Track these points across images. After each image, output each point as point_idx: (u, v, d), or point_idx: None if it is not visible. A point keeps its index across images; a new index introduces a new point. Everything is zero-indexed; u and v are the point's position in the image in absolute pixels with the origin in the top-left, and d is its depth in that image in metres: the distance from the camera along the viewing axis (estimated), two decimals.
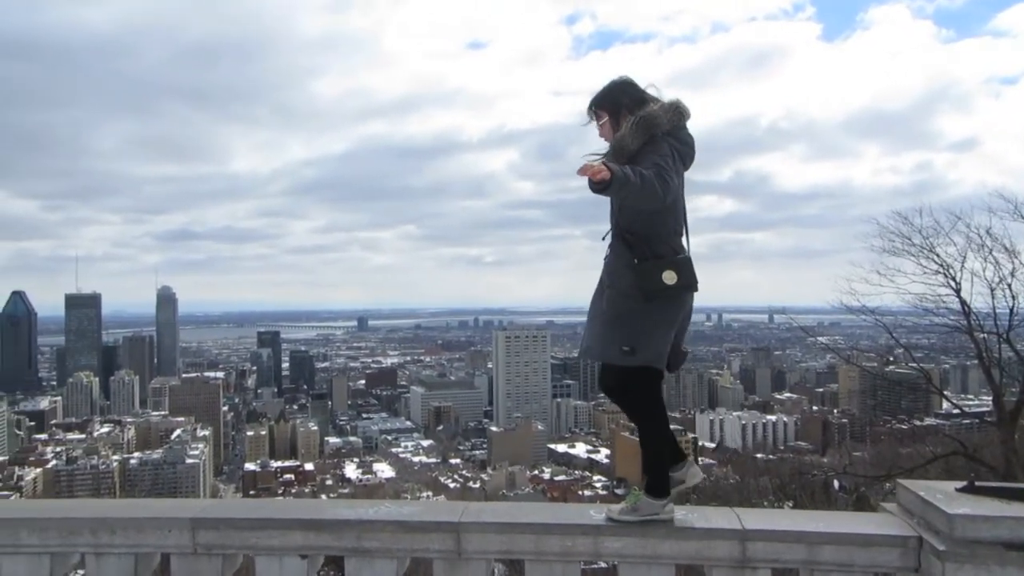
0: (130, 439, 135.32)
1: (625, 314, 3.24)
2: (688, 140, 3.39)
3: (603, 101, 3.43)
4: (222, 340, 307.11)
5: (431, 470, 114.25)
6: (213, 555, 3.28)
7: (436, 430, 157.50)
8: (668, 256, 3.25)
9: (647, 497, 3.28)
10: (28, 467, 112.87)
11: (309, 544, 3.24)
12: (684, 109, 3.37)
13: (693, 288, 3.31)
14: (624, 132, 3.26)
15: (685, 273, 3.24)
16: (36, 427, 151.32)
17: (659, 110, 3.27)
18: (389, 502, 3.47)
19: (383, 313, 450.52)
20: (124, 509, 3.42)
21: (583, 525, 3.18)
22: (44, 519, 3.33)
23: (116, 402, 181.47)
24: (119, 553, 3.30)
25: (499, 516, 3.29)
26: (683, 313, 3.39)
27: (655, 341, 3.25)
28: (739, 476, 43.53)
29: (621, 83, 3.43)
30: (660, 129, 3.24)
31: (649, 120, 3.23)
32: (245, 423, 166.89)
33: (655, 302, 3.21)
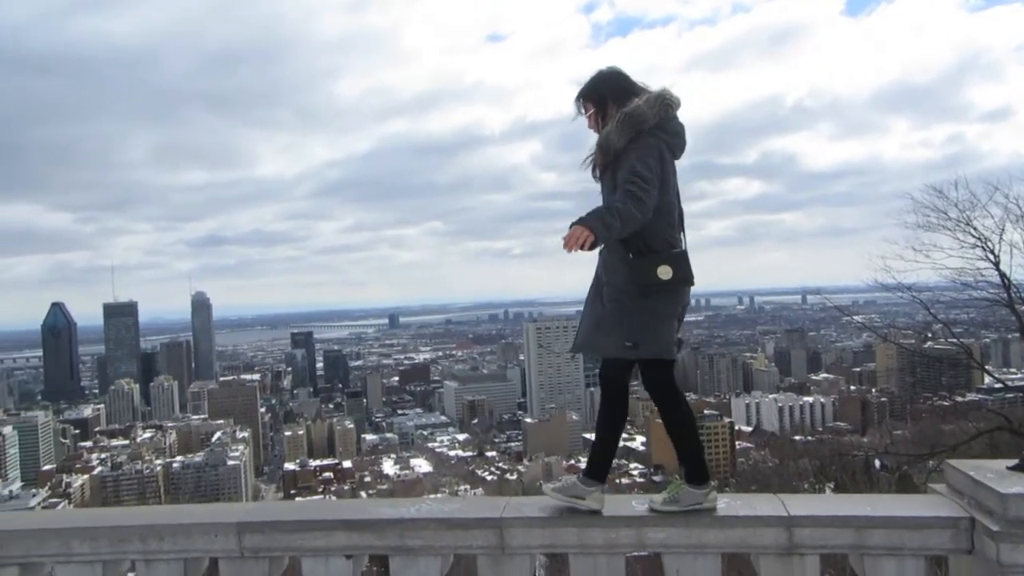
0: (172, 443, 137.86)
1: (623, 310, 3.24)
2: (677, 130, 3.33)
3: (589, 93, 3.38)
4: (256, 342, 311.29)
5: (468, 463, 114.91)
6: (260, 558, 3.32)
7: (471, 424, 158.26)
8: (663, 250, 3.23)
9: (688, 487, 3.25)
10: (75, 474, 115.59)
11: (353, 544, 3.26)
12: (672, 100, 3.29)
13: (689, 282, 3.30)
14: (610, 129, 3.22)
15: (680, 267, 3.22)
16: (80, 435, 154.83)
17: (644, 105, 3.20)
18: (431, 499, 3.48)
19: (413, 310, 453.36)
20: (172, 515, 3.48)
21: (626, 517, 3.17)
22: (95, 528, 3.39)
23: (157, 407, 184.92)
24: (168, 559, 3.35)
25: (541, 510, 3.28)
26: (683, 304, 3.40)
27: (658, 334, 3.26)
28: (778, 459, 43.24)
29: (608, 74, 3.38)
30: (647, 124, 3.19)
31: (634, 117, 3.18)
32: (283, 423, 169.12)
33: (652, 296, 3.21)
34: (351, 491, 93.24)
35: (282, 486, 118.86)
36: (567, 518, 3.19)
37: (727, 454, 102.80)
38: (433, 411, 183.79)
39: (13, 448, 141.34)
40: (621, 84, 3.33)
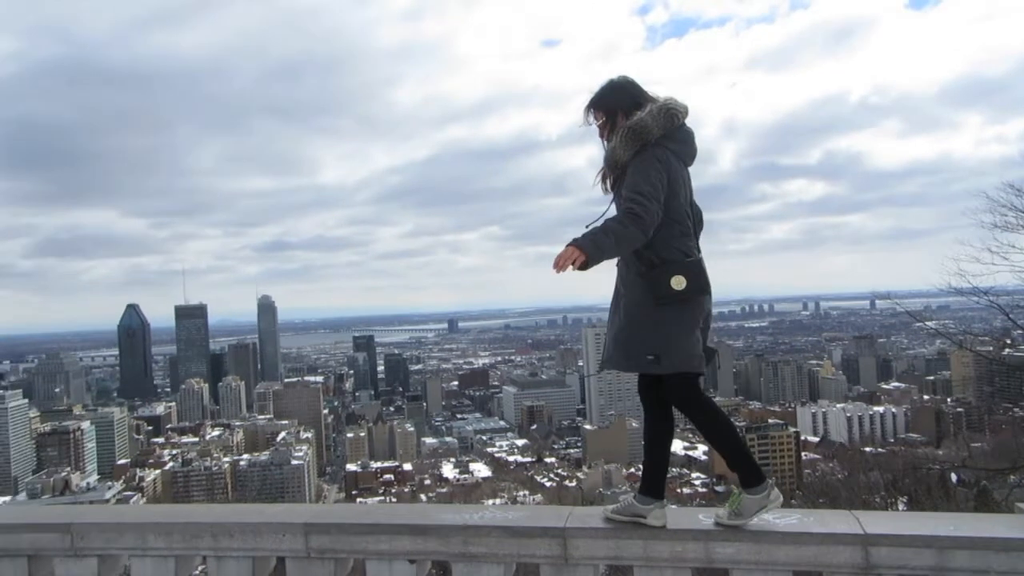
0: (239, 442, 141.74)
1: (642, 323, 3.22)
2: (686, 138, 3.32)
3: (599, 103, 3.37)
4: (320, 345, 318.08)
5: (526, 469, 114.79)
6: (326, 559, 3.36)
7: (530, 429, 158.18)
8: (678, 260, 3.19)
9: (747, 494, 3.14)
10: (148, 469, 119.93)
11: (417, 549, 3.27)
12: (677, 109, 3.27)
13: (704, 291, 3.25)
14: (615, 143, 3.23)
15: (694, 277, 3.18)
16: (153, 431, 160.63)
17: (648, 117, 3.18)
18: (493, 507, 3.47)
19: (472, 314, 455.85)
20: (242, 514, 3.55)
21: (693, 530, 3.09)
22: (169, 523, 3.48)
23: (225, 407, 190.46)
24: (238, 556, 3.42)
25: (606, 521, 3.24)
26: (703, 314, 3.30)
27: (680, 346, 3.20)
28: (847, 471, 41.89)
29: (617, 84, 3.36)
30: (651, 136, 3.17)
31: (638, 130, 3.17)
32: (345, 425, 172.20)
33: (669, 308, 3.17)
34: (411, 494, 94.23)
35: (344, 487, 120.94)
36: (632, 530, 3.14)
37: (792, 465, 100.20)
38: (492, 416, 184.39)
39: (91, 442, 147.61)
40: (630, 93, 3.32)
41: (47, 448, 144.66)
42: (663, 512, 3.20)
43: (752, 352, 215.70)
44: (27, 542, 3.57)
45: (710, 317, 3.39)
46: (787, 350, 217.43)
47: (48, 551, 3.56)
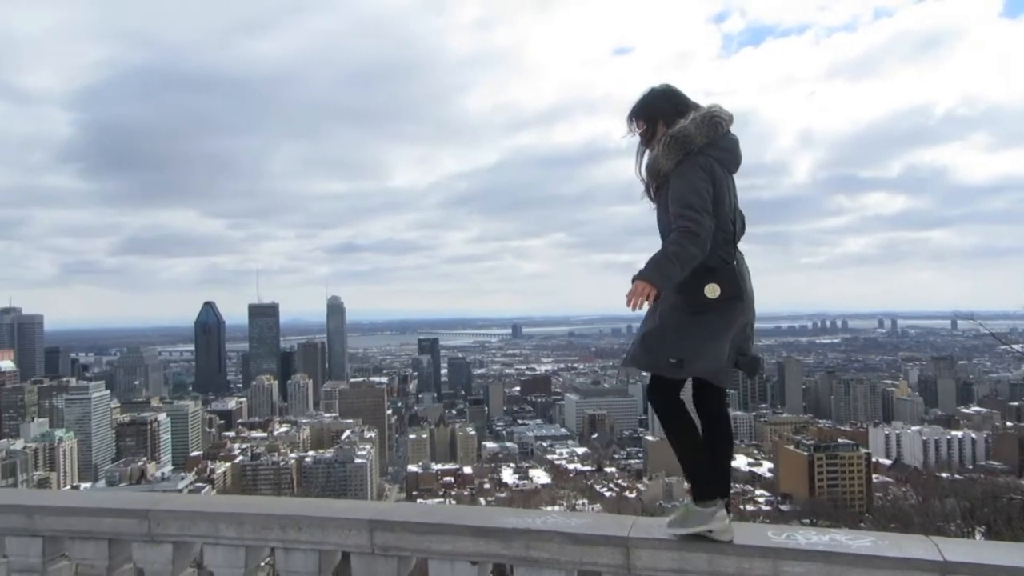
0: (305, 438, 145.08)
1: (673, 327, 3.17)
2: (729, 146, 3.24)
3: (640, 111, 3.34)
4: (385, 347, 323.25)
5: (586, 478, 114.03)
6: (389, 556, 3.41)
7: (591, 438, 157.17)
8: (717, 267, 3.13)
9: (696, 506, 3.15)
10: (219, 462, 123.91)
11: (479, 551, 3.28)
12: (721, 117, 3.20)
13: (739, 299, 3.16)
14: (657, 152, 3.20)
15: (729, 285, 3.12)
16: (225, 425, 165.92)
17: (691, 126, 3.14)
18: (556, 512, 3.47)
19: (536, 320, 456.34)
20: (309, 508, 3.64)
21: (761, 547, 3.01)
22: (240, 514, 3.59)
23: (293, 404, 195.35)
24: (305, 549, 3.50)
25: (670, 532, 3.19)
26: (736, 323, 3.21)
27: (705, 354, 3.16)
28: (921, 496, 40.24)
29: (658, 92, 3.33)
30: (694, 145, 3.13)
31: (681, 139, 3.13)
32: (407, 426, 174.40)
33: (701, 315, 3.12)
34: (470, 497, 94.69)
35: (404, 487, 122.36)
36: (698, 542, 3.08)
37: (862, 487, 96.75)
38: (553, 423, 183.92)
39: (166, 434, 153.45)
40: (672, 102, 3.28)
41: (126, 438, 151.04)
42: (725, 513, 3.15)
43: (823, 369, 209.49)
44: (108, 526, 3.73)
45: (751, 326, 3.33)
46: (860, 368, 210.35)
47: (127, 535, 3.72)
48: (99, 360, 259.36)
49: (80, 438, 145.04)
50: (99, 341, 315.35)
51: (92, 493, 7.49)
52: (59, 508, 3.84)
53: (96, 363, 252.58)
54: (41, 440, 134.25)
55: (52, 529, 3.82)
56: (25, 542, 3.85)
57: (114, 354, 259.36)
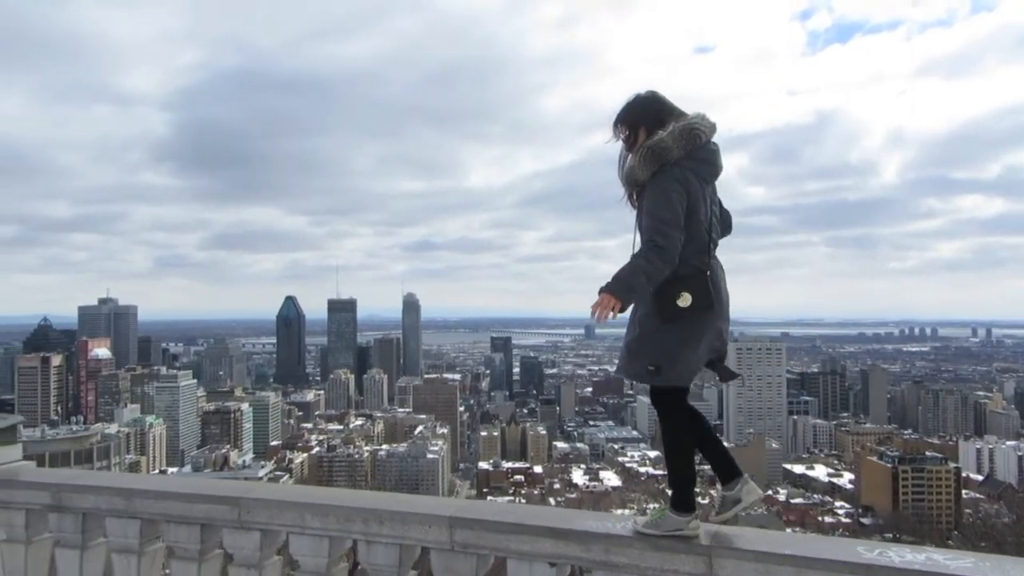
0: (379, 432, 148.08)
1: (649, 334, 3.27)
2: (707, 157, 3.28)
3: (623, 118, 3.38)
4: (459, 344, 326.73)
5: (658, 482, 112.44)
6: (468, 554, 3.43)
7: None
8: (690, 275, 3.19)
9: (672, 513, 3.19)
10: (297, 452, 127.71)
11: (558, 553, 3.27)
12: (700, 130, 3.24)
13: (709, 308, 3.21)
14: (634, 163, 3.26)
15: (699, 295, 3.18)
16: (303, 416, 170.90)
17: (668, 138, 3.18)
18: (637, 518, 3.42)
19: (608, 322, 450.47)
20: (391, 503, 3.70)
21: (851, 563, 2.90)
22: (325, 505, 3.68)
23: (368, 398, 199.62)
24: (386, 543, 3.56)
25: (754, 543, 3.10)
26: (710, 329, 3.28)
27: (680, 361, 3.24)
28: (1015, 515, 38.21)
29: (642, 99, 3.36)
30: (671, 156, 3.18)
31: (657, 150, 3.18)
32: (479, 423, 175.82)
33: (675, 323, 3.20)
34: (540, 496, 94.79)
35: (475, 484, 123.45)
36: (783, 556, 2.99)
37: (950, 503, 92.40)
38: (625, 425, 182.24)
39: (248, 423, 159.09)
40: (654, 108, 3.32)
41: (211, 425, 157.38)
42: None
43: (910, 378, 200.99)
44: (200, 511, 3.89)
45: (724, 335, 3.37)
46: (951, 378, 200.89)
47: (218, 521, 3.87)
48: (187, 350, 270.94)
49: (168, 424, 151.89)
50: (188, 332, 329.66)
51: (186, 479, 7.69)
52: (156, 492, 4.02)
53: (184, 353, 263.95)
54: (133, 425, 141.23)
55: (149, 512, 4.01)
56: (124, 523, 4.05)
57: (201, 345, 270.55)
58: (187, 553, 3.94)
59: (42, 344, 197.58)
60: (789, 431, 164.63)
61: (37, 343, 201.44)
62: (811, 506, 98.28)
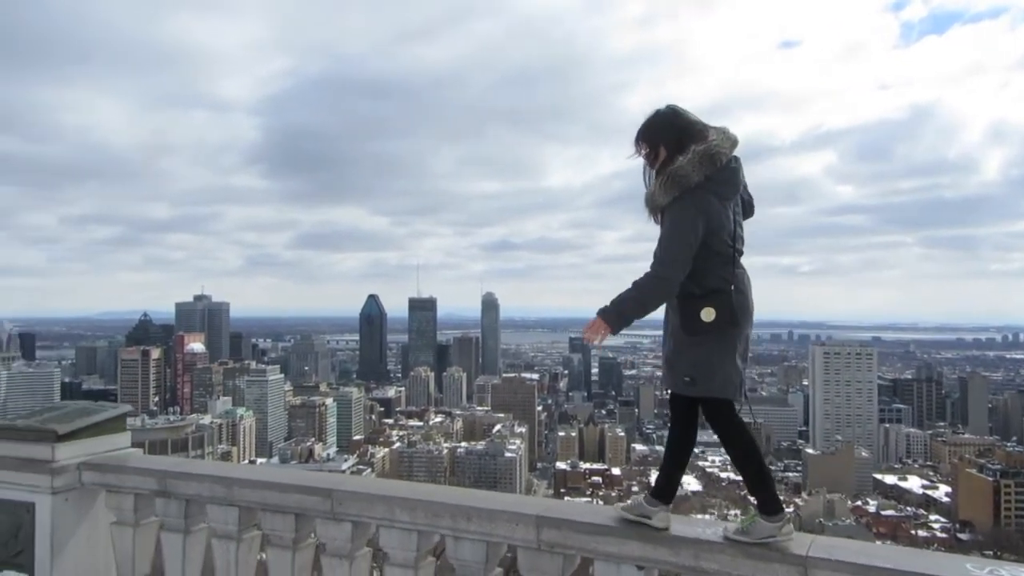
0: (458, 429, 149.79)
1: (683, 347, 3.34)
2: (727, 178, 3.30)
3: (644, 135, 3.41)
4: (537, 344, 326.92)
5: (739, 488, 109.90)
6: (555, 553, 3.43)
7: None
8: (716, 290, 3.25)
9: (761, 519, 3.15)
10: (378, 446, 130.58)
11: (646, 556, 3.24)
12: (720, 152, 3.25)
13: (732, 324, 3.26)
14: (655, 188, 3.30)
15: (723, 310, 3.22)
16: (384, 412, 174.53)
17: (688, 165, 3.21)
18: (726, 525, 3.35)
19: None
20: (478, 500, 3.73)
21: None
22: (414, 500, 3.75)
23: (447, 395, 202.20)
24: (473, 539, 3.60)
25: (852, 555, 2.99)
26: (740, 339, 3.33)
27: (714, 372, 3.28)
28: None
29: (662, 116, 3.38)
30: (691, 182, 3.20)
31: (676, 178, 3.22)
32: (557, 423, 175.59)
33: (702, 336, 3.26)
34: (618, 498, 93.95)
35: (552, 484, 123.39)
36: (885, 570, 2.87)
37: None
38: (705, 428, 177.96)
39: (332, 418, 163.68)
40: (675, 126, 3.33)
41: (297, 419, 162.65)
42: (668, 516, 3.31)
43: (1014, 387, 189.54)
44: (295, 502, 4.02)
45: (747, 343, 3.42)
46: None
47: (312, 512, 3.99)
48: (275, 346, 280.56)
49: (258, 416, 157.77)
50: (276, 328, 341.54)
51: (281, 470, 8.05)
52: (254, 482, 4.18)
53: (273, 348, 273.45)
54: (225, 416, 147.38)
55: (247, 500, 4.17)
56: (224, 510, 4.23)
57: (288, 341, 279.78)
58: (282, 541, 4.08)
59: (143, 338, 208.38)
60: (880, 440, 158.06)
61: (138, 337, 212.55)
62: (903, 519, 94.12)
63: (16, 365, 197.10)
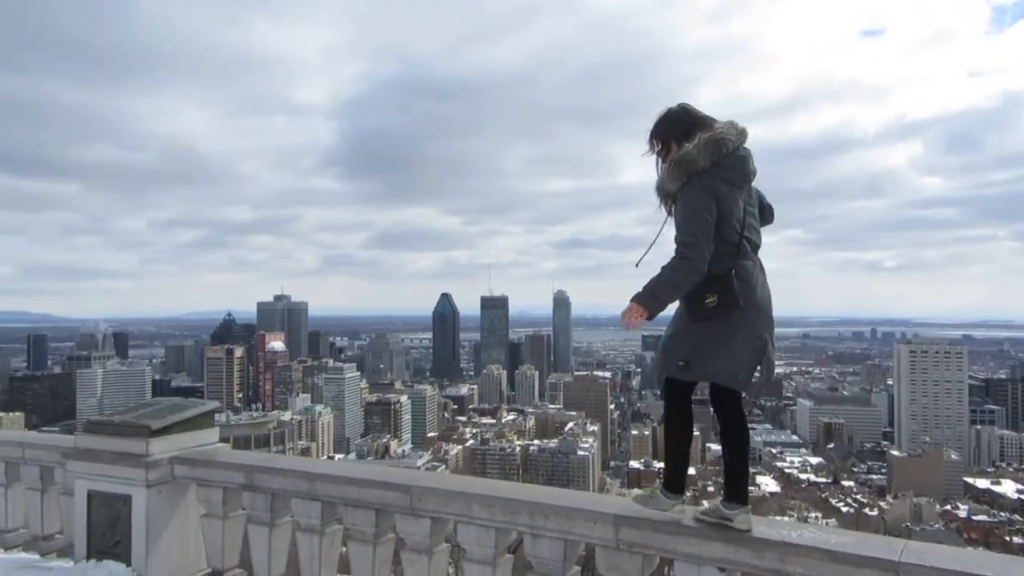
0: (530, 427, 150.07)
1: (682, 332, 3.45)
2: (736, 164, 3.37)
3: (655, 132, 3.52)
4: (609, 342, 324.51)
5: (820, 490, 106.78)
6: (634, 553, 3.41)
7: (826, 448, 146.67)
8: (720, 276, 3.30)
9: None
10: (452, 444, 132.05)
11: (728, 558, 3.18)
12: (726, 139, 3.33)
13: (735, 306, 3.30)
14: (663, 175, 3.39)
15: (725, 293, 3.29)
16: (458, 410, 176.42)
17: (694, 150, 3.29)
18: (812, 527, 3.25)
19: None
20: (556, 497, 3.73)
21: None
22: (492, 497, 3.78)
23: (519, 393, 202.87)
24: (551, 537, 3.61)
25: (947, 561, 2.86)
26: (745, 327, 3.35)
27: (712, 357, 3.36)
28: None
29: (671, 113, 3.49)
30: (697, 167, 3.29)
31: (684, 163, 3.30)
32: (630, 422, 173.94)
33: (706, 320, 3.33)
34: (693, 499, 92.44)
35: (626, 483, 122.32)
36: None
37: None
38: (784, 429, 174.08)
39: (407, 415, 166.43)
40: (684, 122, 3.42)
41: (372, 416, 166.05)
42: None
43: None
44: (376, 497, 4.11)
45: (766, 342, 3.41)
46: None
47: (392, 507, 4.07)
48: (352, 344, 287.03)
49: (335, 413, 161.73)
50: (352, 326, 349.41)
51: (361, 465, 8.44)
52: (335, 477, 4.29)
53: (349, 347, 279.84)
54: (304, 413, 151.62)
55: (329, 495, 4.28)
56: (307, 504, 4.35)
57: (364, 339, 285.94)
58: (363, 536, 4.18)
59: (226, 337, 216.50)
60: (971, 442, 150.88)
61: (222, 336, 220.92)
62: (996, 524, 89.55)
63: (111, 364, 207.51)
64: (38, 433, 7.30)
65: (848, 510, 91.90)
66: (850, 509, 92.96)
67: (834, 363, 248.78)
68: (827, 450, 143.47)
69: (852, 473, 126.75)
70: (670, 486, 3.49)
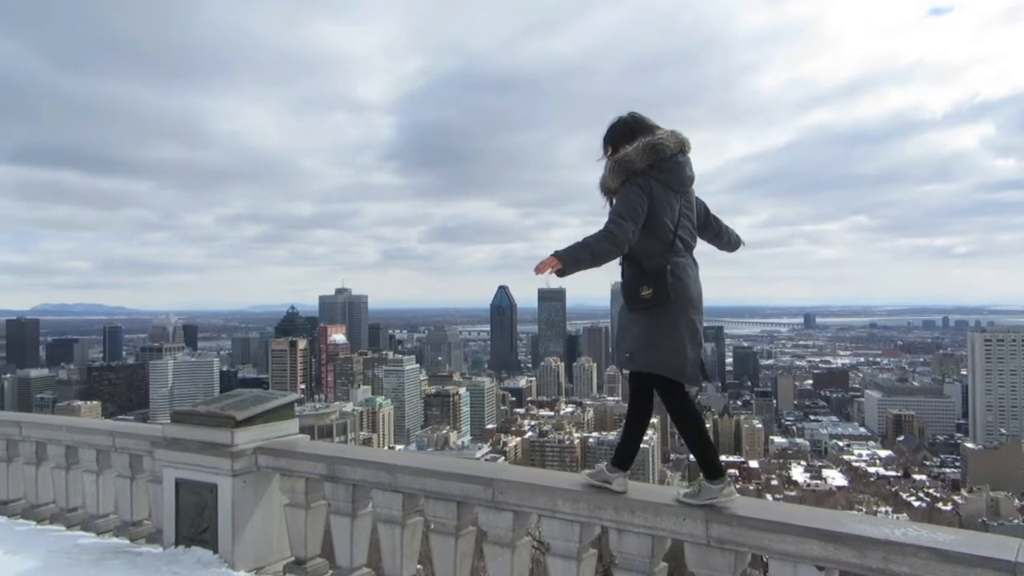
0: (589, 419, 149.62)
1: (626, 326, 3.80)
2: (672, 168, 3.69)
3: (606, 137, 3.87)
4: None
5: (890, 484, 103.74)
6: (725, 550, 3.32)
7: (896, 440, 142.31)
8: (651, 271, 3.62)
9: (707, 483, 3.51)
10: (510, 435, 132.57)
11: (827, 556, 3.06)
12: (663, 145, 3.66)
13: (667, 299, 3.58)
14: (606, 174, 3.74)
15: (658, 287, 3.59)
16: (516, 402, 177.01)
17: (633, 152, 3.64)
18: (916, 525, 3.11)
19: (832, 310, 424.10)
20: (641, 493, 3.67)
21: None
22: (576, 491, 3.74)
23: (578, 385, 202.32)
24: (638, 532, 3.54)
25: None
26: (682, 320, 3.61)
27: (653, 348, 3.62)
28: None
29: (621, 121, 3.83)
30: (636, 168, 3.63)
31: (623, 163, 3.65)
32: None
33: (643, 313, 3.66)
34: (756, 492, 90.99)
35: (687, 475, 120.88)
36: None
37: None
38: (851, 421, 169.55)
39: (465, 407, 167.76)
40: (632, 129, 3.77)
41: (432, 407, 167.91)
42: (626, 481, 3.70)
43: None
44: (457, 490, 4.11)
45: (700, 329, 3.69)
46: None
47: (473, 500, 4.06)
48: (411, 336, 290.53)
49: (395, 405, 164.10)
50: (411, 319, 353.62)
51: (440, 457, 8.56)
52: (417, 469, 4.30)
53: (408, 339, 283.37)
54: (365, 404, 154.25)
55: (410, 487, 4.30)
56: (389, 496, 4.38)
57: (423, 332, 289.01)
58: (444, 528, 4.18)
59: (290, 329, 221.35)
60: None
61: (286, 328, 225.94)
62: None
63: (181, 355, 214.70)
64: (127, 422, 7.56)
65: (920, 504, 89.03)
66: (922, 503, 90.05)
67: (903, 353, 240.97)
68: (897, 443, 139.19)
69: (924, 467, 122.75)
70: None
